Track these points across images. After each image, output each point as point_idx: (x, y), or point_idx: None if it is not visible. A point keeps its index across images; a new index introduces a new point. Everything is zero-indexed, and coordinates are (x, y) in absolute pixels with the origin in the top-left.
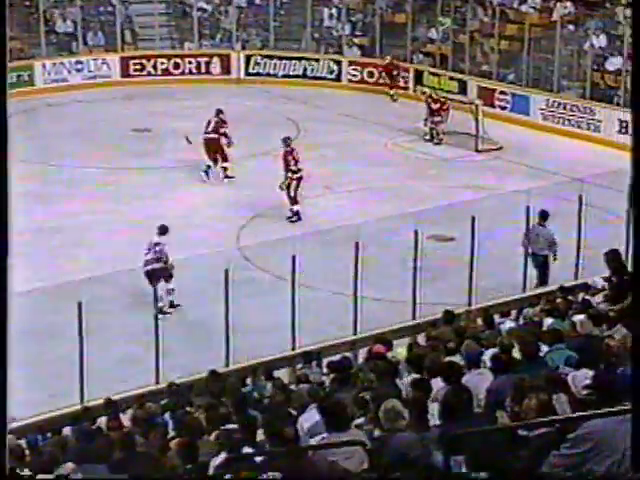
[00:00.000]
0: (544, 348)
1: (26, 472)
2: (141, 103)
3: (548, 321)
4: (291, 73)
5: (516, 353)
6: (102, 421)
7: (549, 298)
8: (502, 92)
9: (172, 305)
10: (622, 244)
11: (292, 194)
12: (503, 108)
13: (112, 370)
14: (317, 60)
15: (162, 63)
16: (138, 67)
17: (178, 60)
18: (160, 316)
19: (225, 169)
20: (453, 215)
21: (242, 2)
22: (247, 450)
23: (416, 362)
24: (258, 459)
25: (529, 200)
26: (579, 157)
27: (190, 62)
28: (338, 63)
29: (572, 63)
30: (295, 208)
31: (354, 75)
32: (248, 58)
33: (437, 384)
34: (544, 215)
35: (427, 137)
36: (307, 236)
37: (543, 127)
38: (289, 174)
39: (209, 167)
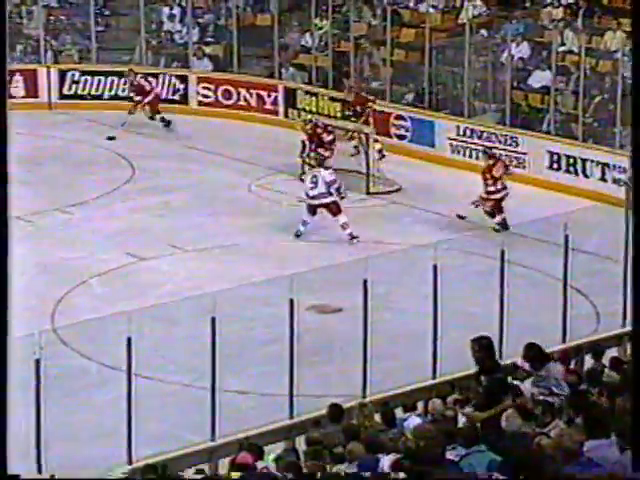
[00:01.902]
0: (460, 450)
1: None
2: None
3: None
4: (121, 94)
5: None
6: None
7: (465, 385)
8: (399, 117)
9: (353, 237)
10: (558, 313)
11: (488, 209)
12: (401, 137)
13: None
14: (156, 76)
15: None
16: None
17: None
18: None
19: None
20: (339, 279)
21: (52, 0)
22: None
23: (294, 474)
24: None
25: (436, 257)
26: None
27: None
28: (184, 79)
29: (487, 79)
30: (497, 219)
31: (205, 95)
32: (62, 75)
33: None
34: None
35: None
36: (147, 310)
37: (452, 162)
38: (483, 194)
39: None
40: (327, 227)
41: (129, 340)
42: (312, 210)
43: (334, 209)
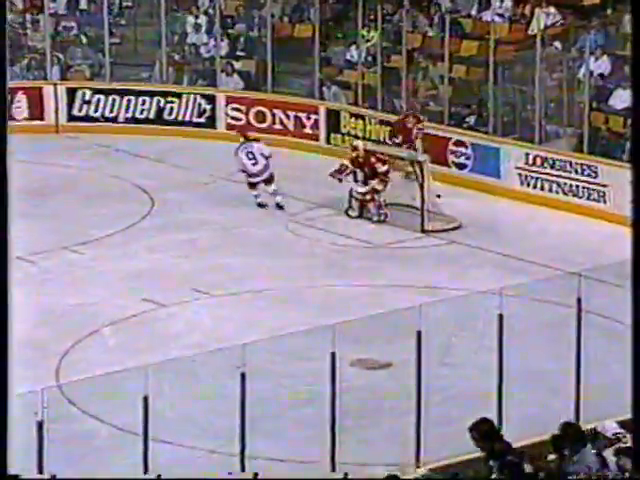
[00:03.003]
0: None
1: None
2: None
3: None
4: (139, 116)
5: None
6: None
7: (535, 453)
8: (458, 142)
9: (280, 206)
10: None
11: None
12: (461, 167)
13: None
14: (178, 95)
15: None
16: None
17: None
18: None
19: None
20: (389, 329)
21: (60, 7)
22: None
23: None
24: None
25: (501, 305)
26: (575, 240)
27: None
28: (211, 99)
29: (561, 98)
30: None
31: (235, 118)
32: (72, 93)
33: None
34: None
35: (354, 212)
36: (167, 364)
37: (521, 195)
38: None
39: None
40: (375, 269)
41: (146, 399)
42: (253, 186)
43: (270, 179)
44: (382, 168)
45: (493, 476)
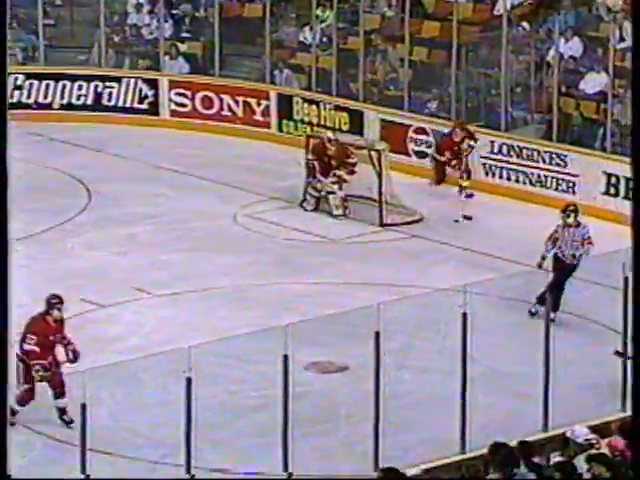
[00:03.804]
0: None
1: None
2: None
3: None
4: (75, 102)
5: None
6: None
7: (501, 460)
8: (419, 130)
9: None
10: (617, 374)
11: None
12: (422, 155)
13: None
14: (118, 80)
15: None
16: None
17: None
18: None
19: None
20: (345, 330)
21: None
22: None
23: None
24: None
25: (465, 303)
26: (543, 234)
27: None
28: (153, 84)
29: (529, 83)
30: None
31: (180, 104)
32: None
33: None
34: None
35: (309, 206)
36: (106, 369)
37: (486, 186)
38: None
39: None
40: (330, 265)
41: (83, 407)
42: None
43: None
44: (353, 159)
45: None
